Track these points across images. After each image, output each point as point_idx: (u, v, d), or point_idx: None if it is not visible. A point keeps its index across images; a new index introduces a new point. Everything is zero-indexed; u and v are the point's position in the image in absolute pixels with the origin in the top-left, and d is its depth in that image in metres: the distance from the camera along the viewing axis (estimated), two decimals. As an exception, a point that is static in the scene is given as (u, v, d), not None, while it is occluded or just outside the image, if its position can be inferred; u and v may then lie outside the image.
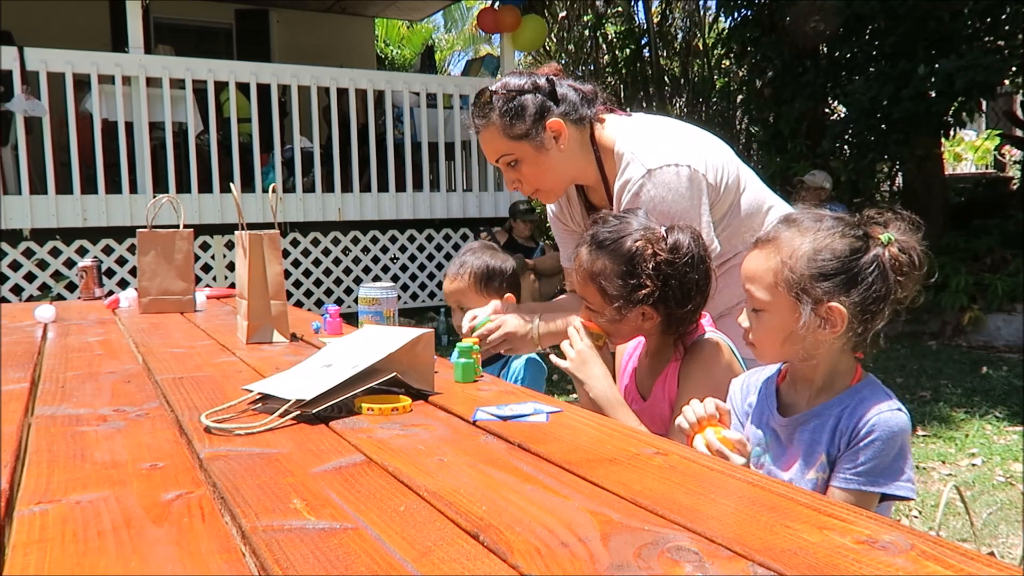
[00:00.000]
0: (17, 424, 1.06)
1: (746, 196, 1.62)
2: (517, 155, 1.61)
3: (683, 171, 1.50)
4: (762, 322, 1.13)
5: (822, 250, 1.09)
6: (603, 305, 1.36)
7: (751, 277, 1.14)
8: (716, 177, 1.55)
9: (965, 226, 6.60)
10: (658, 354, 1.45)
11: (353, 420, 1.07)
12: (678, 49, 11.12)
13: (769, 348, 1.15)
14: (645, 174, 1.51)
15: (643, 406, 1.44)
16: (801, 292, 1.08)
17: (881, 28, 6.27)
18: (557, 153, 1.60)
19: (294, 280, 6.11)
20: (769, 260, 1.12)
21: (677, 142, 1.57)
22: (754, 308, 1.14)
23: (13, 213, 5.17)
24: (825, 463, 1.10)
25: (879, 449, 1.06)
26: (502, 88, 1.60)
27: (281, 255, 1.74)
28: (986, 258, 6.03)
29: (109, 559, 0.63)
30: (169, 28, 8.35)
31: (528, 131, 1.57)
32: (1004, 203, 7.28)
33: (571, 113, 1.60)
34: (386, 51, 14.22)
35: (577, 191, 1.79)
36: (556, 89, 1.60)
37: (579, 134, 1.63)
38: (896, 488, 1.07)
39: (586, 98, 1.63)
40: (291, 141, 6.14)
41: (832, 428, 1.10)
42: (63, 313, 2.32)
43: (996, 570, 0.60)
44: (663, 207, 1.49)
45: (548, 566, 0.61)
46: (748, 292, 1.14)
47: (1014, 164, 9.48)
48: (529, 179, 1.64)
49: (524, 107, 1.56)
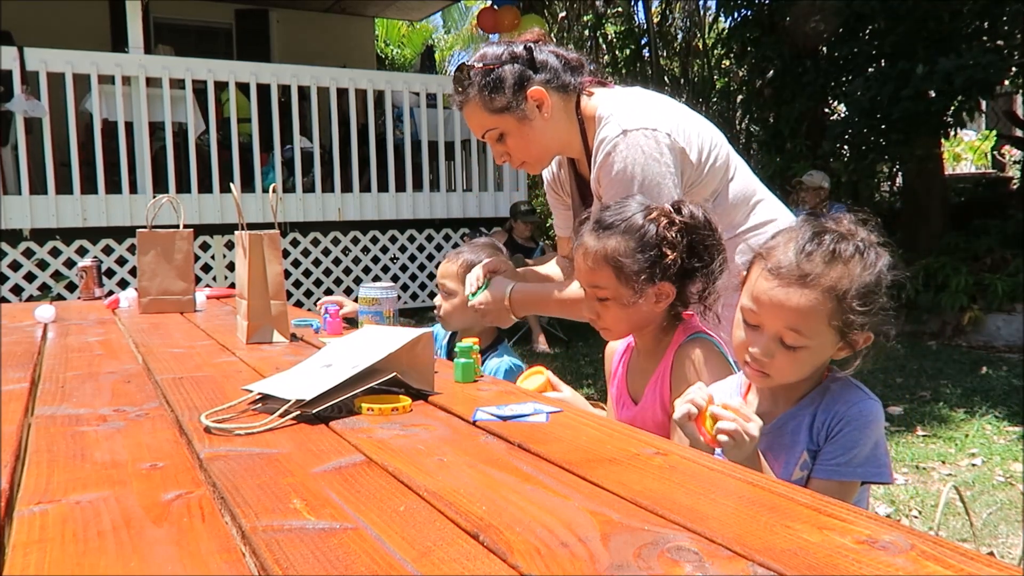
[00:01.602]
0: (17, 424, 1.06)
1: (735, 184, 1.59)
2: (501, 128, 1.58)
3: (660, 136, 1.47)
4: (791, 355, 1.09)
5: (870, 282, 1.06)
6: (618, 288, 1.32)
7: (804, 316, 1.06)
8: (698, 156, 1.52)
9: (965, 226, 6.60)
10: (649, 354, 1.42)
11: (353, 420, 1.07)
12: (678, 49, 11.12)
13: (787, 376, 1.11)
14: (620, 134, 1.48)
15: (634, 410, 1.41)
16: (848, 328, 1.06)
17: (881, 28, 6.27)
18: (541, 122, 1.57)
19: (294, 280, 6.11)
20: (820, 299, 1.05)
21: (660, 111, 1.53)
22: (794, 345, 1.08)
23: (13, 213, 5.17)
24: (808, 461, 1.10)
25: (856, 439, 1.07)
26: (479, 61, 1.56)
27: (281, 255, 1.74)
28: (986, 258, 6.03)
29: (109, 559, 0.63)
30: (169, 28, 8.36)
31: (509, 103, 1.54)
32: (1004, 203, 7.29)
33: (553, 80, 1.56)
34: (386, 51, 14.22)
35: (568, 164, 1.76)
36: (535, 56, 1.56)
37: (563, 102, 1.59)
38: (874, 475, 1.08)
39: (569, 65, 1.59)
40: (291, 141, 6.14)
41: (809, 425, 1.11)
42: (63, 313, 2.32)
43: (996, 570, 0.60)
44: (634, 169, 1.46)
45: (548, 566, 0.61)
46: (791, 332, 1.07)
47: (1014, 164, 9.48)
48: (515, 151, 1.61)
49: (503, 79, 1.53)
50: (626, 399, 1.45)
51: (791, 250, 1.07)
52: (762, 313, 1.09)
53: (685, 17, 11.15)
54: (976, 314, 5.65)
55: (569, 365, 5.24)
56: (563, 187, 1.81)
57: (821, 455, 1.09)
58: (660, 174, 1.46)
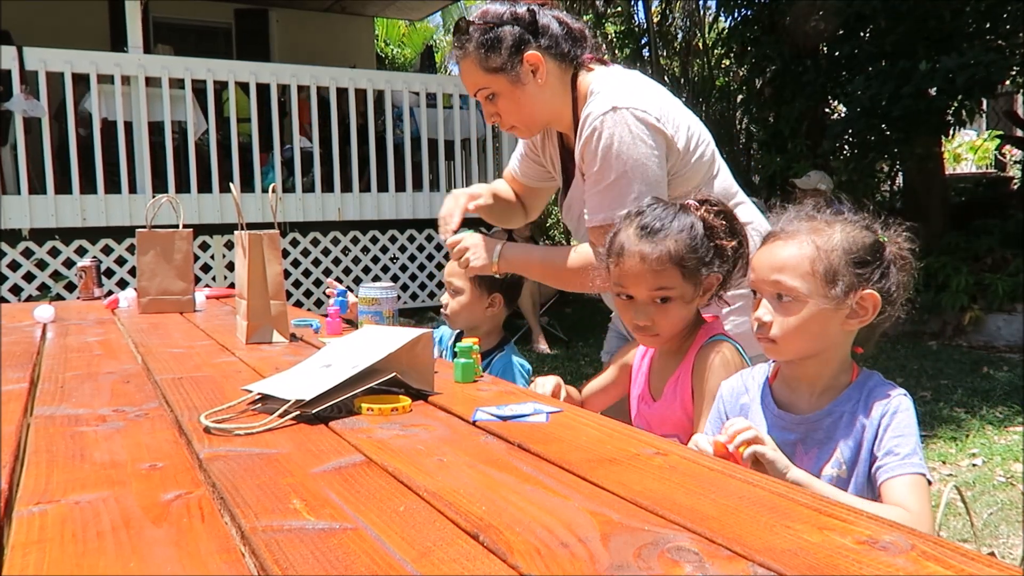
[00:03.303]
0: (16, 424, 1.06)
1: (719, 181, 1.60)
2: (494, 88, 1.57)
3: (649, 119, 1.47)
4: (789, 312, 1.11)
5: (855, 240, 1.12)
6: (684, 286, 1.33)
7: (782, 266, 1.12)
8: (686, 145, 1.52)
9: (965, 226, 6.59)
10: (672, 354, 1.44)
11: (353, 420, 1.07)
12: (678, 49, 11.11)
13: (792, 341, 1.13)
14: (610, 110, 1.47)
15: (654, 407, 1.44)
16: (837, 279, 1.10)
17: (882, 27, 6.27)
18: (535, 88, 1.56)
19: (294, 280, 6.11)
20: (802, 248, 1.11)
21: (653, 95, 1.53)
22: (783, 296, 1.12)
23: (12, 213, 5.17)
24: (841, 460, 1.10)
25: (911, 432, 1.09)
26: (480, 18, 1.56)
27: (281, 255, 1.74)
28: (986, 258, 6.03)
29: (108, 559, 0.63)
30: (168, 28, 8.35)
31: (504, 64, 1.53)
32: (1004, 203, 7.28)
33: (552, 47, 1.56)
34: (386, 51, 14.21)
35: (557, 134, 1.76)
36: (538, 20, 1.55)
37: (560, 71, 1.58)
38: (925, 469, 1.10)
39: (572, 34, 1.58)
40: (291, 141, 6.14)
41: (847, 424, 1.12)
42: (62, 313, 2.32)
43: (996, 570, 0.59)
44: (620, 147, 1.46)
45: (548, 566, 0.61)
46: (777, 282, 1.12)
47: (1014, 164, 9.48)
48: (506, 113, 1.61)
49: (501, 39, 1.52)
50: (647, 396, 1.47)
51: (783, 220, 1.18)
52: (756, 275, 1.17)
53: (685, 17, 11.14)
54: (977, 314, 5.65)
55: (569, 365, 5.24)
56: (545, 152, 1.81)
57: (883, 452, 1.08)
58: (645, 155, 1.47)
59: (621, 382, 1.58)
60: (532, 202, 2.00)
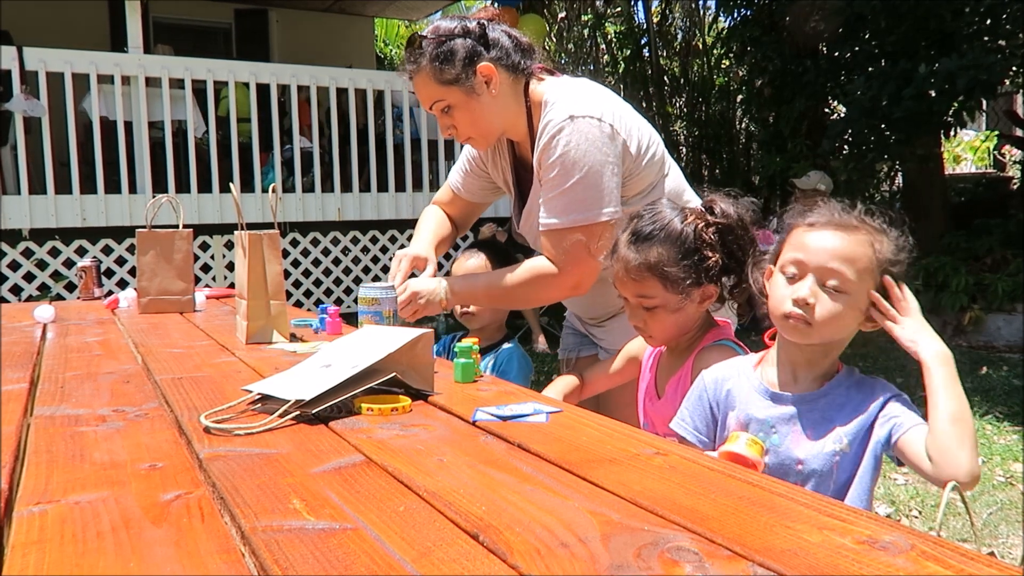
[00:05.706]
0: (16, 424, 1.06)
1: (669, 180, 1.66)
2: (449, 101, 1.62)
3: (604, 127, 1.53)
4: (835, 300, 1.12)
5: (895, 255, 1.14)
6: (666, 295, 1.34)
7: (849, 258, 1.12)
8: (637, 148, 1.57)
9: (965, 226, 6.60)
10: (679, 353, 1.45)
11: (353, 420, 1.07)
12: (678, 49, 11.10)
13: (826, 328, 1.13)
14: (567, 119, 1.53)
15: (657, 404, 1.45)
16: (875, 286, 1.13)
17: (882, 27, 6.27)
18: (489, 99, 1.61)
19: (294, 280, 6.11)
20: (864, 248, 1.13)
21: (605, 103, 1.58)
22: (836, 288, 1.12)
23: (12, 213, 5.17)
24: (841, 436, 1.13)
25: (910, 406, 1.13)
26: (432, 33, 1.60)
27: (281, 255, 1.74)
28: (986, 258, 6.03)
29: (108, 560, 0.63)
30: (168, 28, 8.35)
31: (458, 76, 1.58)
32: (1004, 203, 7.28)
33: (503, 59, 1.61)
34: (386, 51, 14.21)
35: (508, 146, 1.80)
36: (488, 34, 1.61)
37: (512, 82, 1.63)
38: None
39: (520, 46, 1.64)
40: (291, 141, 6.14)
41: (843, 403, 1.15)
42: (62, 313, 2.32)
43: (996, 570, 0.59)
44: (577, 154, 1.51)
45: (548, 566, 0.61)
46: (838, 272, 1.11)
47: (1014, 164, 9.48)
48: (462, 125, 1.65)
49: (454, 52, 1.57)
50: (652, 393, 1.49)
51: (827, 211, 1.16)
52: (808, 257, 1.13)
53: (685, 17, 11.13)
54: (976, 314, 5.65)
55: (569, 365, 5.23)
56: (496, 166, 1.85)
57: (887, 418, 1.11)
58: (602, 163, 1.52)
59: (626, 372, 1.62)
60: (466, 220, 2.04)
